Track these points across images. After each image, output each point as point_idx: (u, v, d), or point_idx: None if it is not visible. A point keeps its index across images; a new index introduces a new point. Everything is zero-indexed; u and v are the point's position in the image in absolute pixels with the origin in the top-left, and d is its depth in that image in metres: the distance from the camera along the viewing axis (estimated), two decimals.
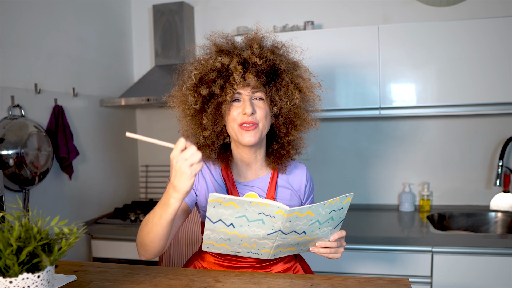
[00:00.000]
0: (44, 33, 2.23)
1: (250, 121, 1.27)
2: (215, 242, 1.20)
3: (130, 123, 3.07)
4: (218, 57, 1.28)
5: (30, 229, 1.03)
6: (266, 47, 1.33)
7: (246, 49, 1.31)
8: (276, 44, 1.35)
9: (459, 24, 2.24)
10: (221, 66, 1.26)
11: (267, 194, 1.36)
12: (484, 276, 2.01)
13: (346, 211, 1.20)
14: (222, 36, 1.34)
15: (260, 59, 1.27)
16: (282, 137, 1.36)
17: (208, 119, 1.29)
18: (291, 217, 1.11)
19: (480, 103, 2.25)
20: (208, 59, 1.29)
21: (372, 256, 2.13)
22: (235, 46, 1.32)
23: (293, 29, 2.58)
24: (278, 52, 1.33)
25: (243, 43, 1.34)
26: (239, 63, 1.26)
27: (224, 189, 1.35)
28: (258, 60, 1.26)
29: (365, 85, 2.36)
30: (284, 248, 1.26)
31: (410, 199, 2.61)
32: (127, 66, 3.03)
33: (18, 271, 0.99)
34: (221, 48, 1.32)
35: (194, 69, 1.31)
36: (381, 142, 2.74)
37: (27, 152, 2.01)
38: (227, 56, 1.28)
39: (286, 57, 1.35)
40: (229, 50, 1.31)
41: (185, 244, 2.17)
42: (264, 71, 1.28)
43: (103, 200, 2.74)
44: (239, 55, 1.28)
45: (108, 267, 1.40)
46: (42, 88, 2.21)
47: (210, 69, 1.27)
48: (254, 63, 1.27)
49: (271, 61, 1.29)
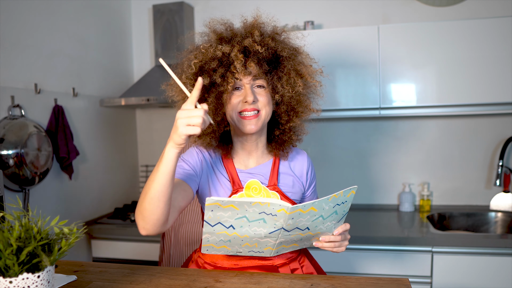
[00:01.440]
0: (44, 33, 2.23)
1: (252, 108, 1.25)
2: (214, 244, 1.19)
3: (130, 123, 3.07)
4: (219, 45, 1.26)
5: (30, 229, 1.03)
6: (266, 33, 1.31)
7: (246, 36, 1.28)
8: (276, 31, 1.33)
9: (459, 24, 2.24)
10: (221, 54, 1.24)
11: (269, 181, 1.35)
12: (484, 276, 2.01)
13: (350, 204, 1.17)
14: (221, 22, 1.32)
15: (262, 47, 1.25)
16: (283, 124, 1.35)
17: (209, 108, 1.26)
18: (293, 214, 1.09)
19: (480, 103, 2.25)
20: (208, 47, 1.27)
21: (372, 256, 2.13)
22: (235, 33, 1.30)
23: (293, 29, 2.58)
24: (279, 39, 1.31)
25: (243, 30, 1.32)
26: (240, 51, 1.24)
27: (226, 177, 1.33)
28: (260, 48, 1.24)
29: (365, 85, 2.36)
30: (286, 245, 1.25)
31: (410, 199, 2.61)
32: (127, 66, 3.03)
33: (18, 271, 0.99)
34: (221, 35, 1.29)
35: (194, 58, 1.28)
36: (381, 142, 2.74)
37: (27, 152, 2.01)
38: (227, 44, 1.26)
39: (287, 43, 1.33)
40: (229, 37, 1.29)
41: (185, 244, 2.17)
42: (266, 59, 1.26)
43: (103, 200, 2.74)
44: (240, 43, 1.25)
45: (108, 267, 1.40)
46: (42, 88, 2.21)
47: (210, 58, 1.25)
48: (256, 51, 1.25)
49: (273, 48, 1.28)
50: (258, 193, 1.32)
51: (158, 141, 3.10)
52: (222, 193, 1.32)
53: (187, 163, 1.31)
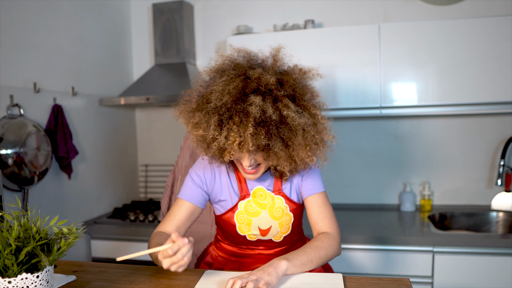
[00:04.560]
0: (43, 32, 2.23)
1: (250, 170, 1.31)
2: None
3: (130, 123, 3.07)
4: (222, 133, 1.20)
5: (29, 229, 1.03)
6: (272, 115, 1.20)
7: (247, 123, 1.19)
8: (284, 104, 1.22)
9: (460, 23, 2.23)
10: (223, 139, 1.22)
11: (274, 186, 1.43)
12: (486, 276, 2.00)
13: None
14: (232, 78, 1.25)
15: (266, 139, 1.20)
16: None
17: (216, 146, 1.25)
18: None
19: (482, 102, 2.24)
20: (212, 128, 1.21)
21: (372, 256, 2.13)
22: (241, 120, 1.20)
23: (293, 28, 2.58)
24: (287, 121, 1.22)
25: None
26: (238, 144, 1.19)
27: (236, 184, 1.44)
28: (263, 140, 1.19)
29: (366, 84, 2.36)
30: None
31: (411, 198, 2.61)
32: (126, 65, 3.02)
33: (17, 271, 0.99)
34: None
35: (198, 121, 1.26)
36: (381, 142, 2.74)
37: (26, 152, 2.01)
38: (227, 134, 1.20)
39: (294, 121, 1.22)
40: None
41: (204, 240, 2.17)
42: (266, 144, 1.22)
43: (103, 200, 2.74)
44: (242, 133, 1.18)
45: (107, 267, 1.40)
46: (41, 87, 2.21)
47: (211, 138, 1.23)
48: (258, 144, 1.20)
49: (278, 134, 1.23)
50: (264, 199, 1.42)
51: (157, 140, 3.10)
52: (229, 201, 1.44)
53: (196, 185, 1.43)
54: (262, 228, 1.42)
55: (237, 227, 1.43)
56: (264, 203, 1.42)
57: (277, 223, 1.42)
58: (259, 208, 1.42)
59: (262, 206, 1.42)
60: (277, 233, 1.44)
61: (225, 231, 1.48)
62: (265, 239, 1.45)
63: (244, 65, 1.28)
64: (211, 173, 1.44)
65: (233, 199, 1.43)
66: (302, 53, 2.43)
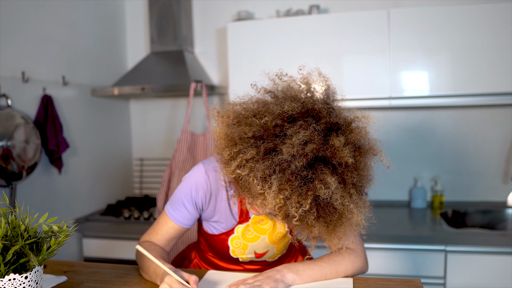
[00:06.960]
0: (32, 18, 2.21)
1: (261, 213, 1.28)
2: None
3: (124, 114, 3.06)
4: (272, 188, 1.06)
5: (17, 227, 1.02)
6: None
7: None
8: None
9: (475, 8, 2.22)
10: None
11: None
12: (502, 277, 2.00)
13: None
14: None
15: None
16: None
17: (253, 194, 1.15)
18: None
19: (497, 92, 2.23)
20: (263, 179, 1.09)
21: (381, 256, 2.13)
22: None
23: (297, 13, 2.55)
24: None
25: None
26: (283, 212, 1.08)
27: (236, 208, 1.32)
28: (310, 219, 1.07)
29: (374, 74, 2.34)
30: None
31: (422, 194, 2.60)
32: (120, 53, 3.01)
33: (4, 272, 0.98)
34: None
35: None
36: (391, 134, 2.73)
37: (13, 145, 2.00)
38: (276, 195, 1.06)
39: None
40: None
41: (183, 244, 2.17)
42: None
43: (95, 196, 2.73)
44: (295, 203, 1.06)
45: (100, 267, 1.40)
46: (30, 76, 2.19)
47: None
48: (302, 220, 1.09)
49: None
50: (265, 223, 1.33)
51: (153, 133, 3.09)
52: (225, 224, 1.33)
53: (188, 208, 1.31)
54: (258, 252, 1.37)
55: (230, 250, 1.36)
56: (264, 228, 1.33)
57: (275, 247, 1.37)
58: (258, 233, 1.33)
59: (262, 231, 1.33)
60: (272, 255, 1.40)
61: (215, 249, 1.41)
62: (259, 260, 1.41)
63: (323, 112, 1.13)
64: (208, 191, 1.30)
65: (230, 223, 1.33)
66: (307, 41, 2.43)
